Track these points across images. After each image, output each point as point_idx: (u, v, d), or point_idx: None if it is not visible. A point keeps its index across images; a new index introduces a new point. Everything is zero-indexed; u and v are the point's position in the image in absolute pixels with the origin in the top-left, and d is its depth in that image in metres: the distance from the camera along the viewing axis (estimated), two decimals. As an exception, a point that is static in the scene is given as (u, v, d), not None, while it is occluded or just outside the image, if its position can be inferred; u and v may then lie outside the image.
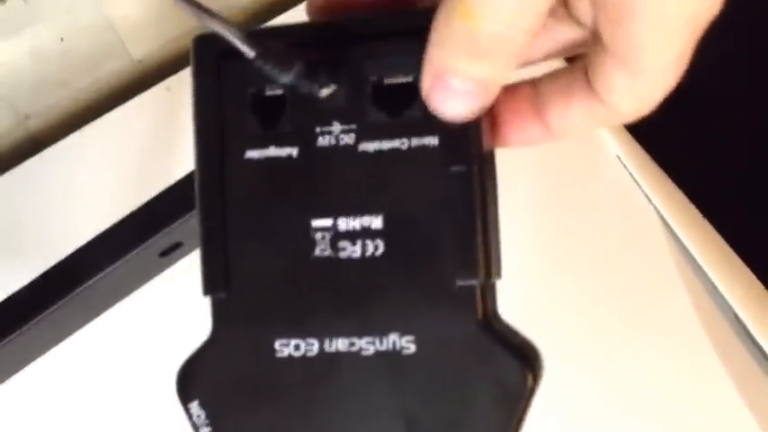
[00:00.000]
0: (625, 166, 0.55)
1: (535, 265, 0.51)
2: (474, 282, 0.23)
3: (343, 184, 0.24)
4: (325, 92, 0.24)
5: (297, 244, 0.24)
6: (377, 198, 0.24)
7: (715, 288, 0.51)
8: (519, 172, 0.25)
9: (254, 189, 0.25)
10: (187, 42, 0.26)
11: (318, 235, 0.24)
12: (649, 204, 0.54)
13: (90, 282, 0.41)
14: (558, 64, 0.25)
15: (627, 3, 0.20)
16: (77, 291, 0.40)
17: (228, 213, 0.25)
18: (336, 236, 0.24)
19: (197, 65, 0.25)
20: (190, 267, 0.25)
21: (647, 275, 0.53)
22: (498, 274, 0.24)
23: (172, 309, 0.48)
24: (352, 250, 0.24)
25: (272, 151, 0.25)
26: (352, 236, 0.24)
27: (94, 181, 0.52)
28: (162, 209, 0.41)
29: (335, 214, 0.24)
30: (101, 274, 0.41)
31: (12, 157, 0.55)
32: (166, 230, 0.41)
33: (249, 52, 0.22)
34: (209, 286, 0.25)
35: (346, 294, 0.24)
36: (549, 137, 0.25)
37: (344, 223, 0.24)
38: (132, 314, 0.48)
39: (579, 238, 0.53)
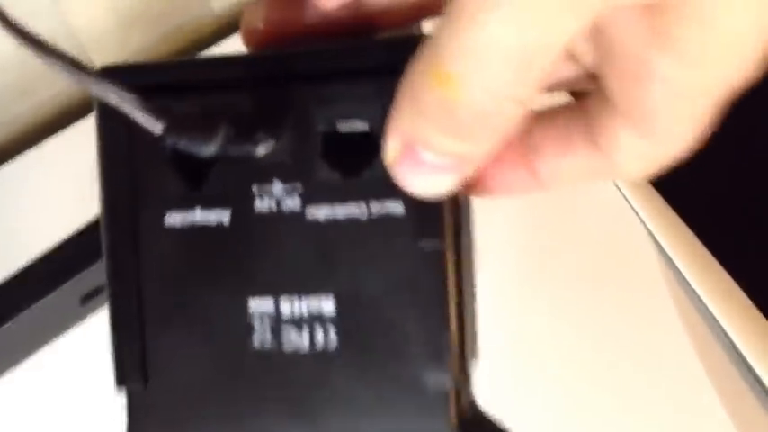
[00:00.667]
0: (615, 184, 0.53)
1: (520, 284, 0.49)
2: (447, 381, 0.19)
3: (287, 257, 0.20)
4: (262, 149, 0.20)
5: (230, 331, 0.20)
6: (328, 276, 0.20)
7: (708, 310, 0.49)
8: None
9: (176, 262, 0.21)
10: (156, 52, 0.22)
11: (256, 320, 0.20)
12: (639, 222, 0.52)
13: None
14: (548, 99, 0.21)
15: (643, 62, 0.17)
16: None
17: (145, 289, 0.21)
18: (279, 321, 0.20)
19: (101, 107, 0.21)
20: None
21: (637, 296, 0.51)
22: (474, 356, 0.21)
23: (91, 364, 0.43)
24: (298, 340, 0.20)
25: (199, 216, 0.21)
26: (297, 322, 0.20)
27: (48, 201, 0.49)
28: (83, 247, 0.36)
29: (277, 295, 0.20)
30: (8, 323, 0.35)
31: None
32: (88, 271, 0.36)
33: (155, 127, 0.18)
34: (122, 375, 0.21)
35: (291, 397, 0.20)
36: (536, 186, 0.21)
37: (288, 306, 0.20)
38: (46, 369, 0.42)
39: (566, 254, 0.51)
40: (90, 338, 0.42)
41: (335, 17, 0.21)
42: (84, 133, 0.51)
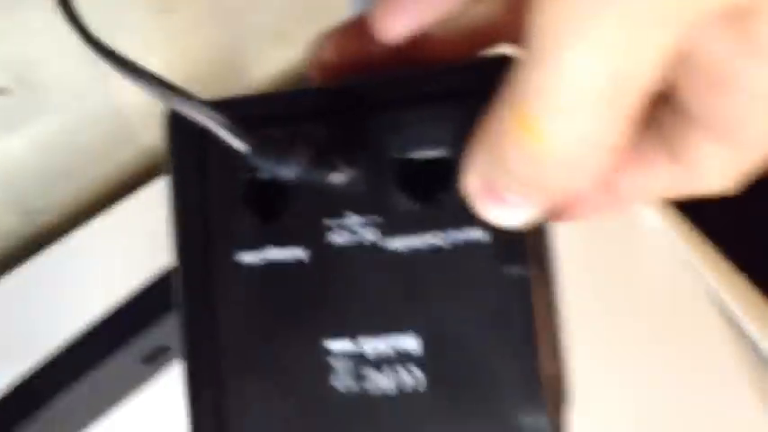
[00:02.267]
0: (668, 237, 0.52)
1: (581, 345, 0.47)
2: (542, 419, 0.18)
3: (367, 294, 0.19)
4: (338, 178, 0.20)
5: (312, 377, 0.19)
6: (412, 312, 0.19)
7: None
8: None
9: (253, 305, 0.20)
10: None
11: (339, 363, 0.19)
12: (698, 280, 0.51)
13: (56, 400, 0.34)
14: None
15: (727, 71, 0.16)
16: (41, 413, 0.34)
17: (221, 339, 0.20)
18: (361, 362, 0.19)
19: (174, 145, 0.21)
20: (180, 375, 0.21)
21: (699, 358, 0.49)
22: (570, 400, 0.20)
23: (159, 427, 0.41)
24: (384, 382, 0.19)
25: (274, 253, 0.20)
26: (381, 362, 0.19)
27: (99, 278, 0.49)
28: (145, 306, 0.36)
29: (360, 336, 0.19)
30: (68, 390, 0.34)
31: (19, 256, 0.52)
32: (150, 331, 0.35)
33: (242, 146, 0.18)
34: None
35: None
36: (615, 204, 0.20)
37: (371, 346, 0.19)
38: None
39: (626, 315, 0.50)
40: (155, 400, 0.41)
41: (401, 49, 0.21)
42: (130, 208, 0.52)
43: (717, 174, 0.18)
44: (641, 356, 0.48)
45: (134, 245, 0.49)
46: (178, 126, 0.21)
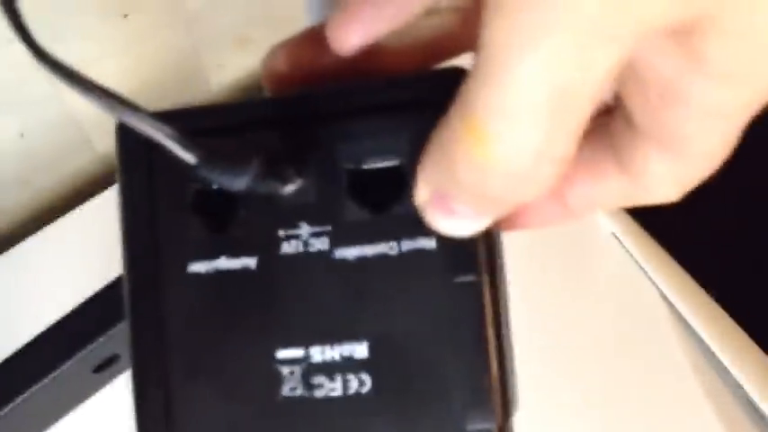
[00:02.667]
0: (621, 244, 0.52)
1: (529, 351, 0.48)
2: (491, 426, 0.18)
3: (316, 302, 0.19)
4: (289, 188, 0.20)
5: (259, 382, 0.19)
6: (359, 319, 0.19)
7: (725, 369, 0.48)
8: (505, 252, 0.21)
9: (201, 313, 0.20)
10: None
11: (286, 369, 0.19)
12: (650, 283, 0.51)
13: (4, 410, 0.34)
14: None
15: (674, 85, 0.17)
16: None
17: (168, 345, 0.20)
18: (310, 369, 0.19)
19: (123, 155, 0.21)
20: (129, 384, 0.21)
21: (652, 360, 0.49)
22: (516, 407, 0.20)
23: None
24: (331, 387, 0.19)
25: (224, 263, 0.20)
26: (329, 369, 0.19)
27: (54, 284, 0.48)
28: (96, 315, 0.35)
29: (307, 342, 0.19)
30: (17, 399, 0.34)
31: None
32: (100, 341, 0.34)
33: (189, 158, 0.18)
34: None
35: None
36: (567, 215, 0.21)
37: (319, 353, 0.19)
38: None
39: (576, 322, 0.50)
40: (105, 409, 0.41)
41: (355, 60, 0.21)
42: (84, 216, 0.51)
43: (663, 185, 0.19)
44: (593, 361, 0.49)
45: (87, 253, 0.48)
46: (126, 137, 0.21)
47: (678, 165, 0.18)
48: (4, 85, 0.46)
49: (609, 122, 0.20)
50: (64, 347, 0.34)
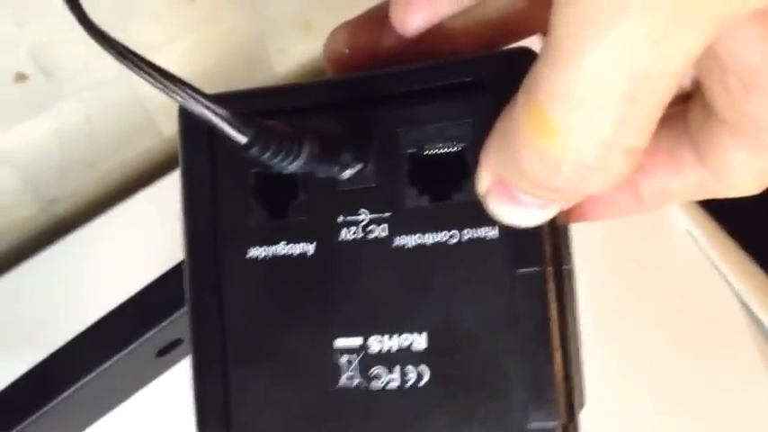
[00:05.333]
0: (696, 241, 0.50)
1: (599, 348, 0.46)
2: (553, 425, 0.18)
3: (374, 290, 0.19)
4: (348, 173, 0.19)
5: (315, 370, 0.19)
6: (418, 309, 0.19)
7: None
8: (576, 249, 0.20)
9: (260, 298, 0.20)
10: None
11: (343, 358, 0.19)
12: (725, 283, 0.49)
13: (69, 391, 0.34)
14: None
15: (758, 73, 0.15)
16: (54, 402, 0.34)
17: (227, 330, 0.20)
18: (367, 360, 0.19)
19: (185, 140, 0.21)
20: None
21: (725, 362, 0.48)
22: (582, 405, 0.19)
23: (171, 419, 0.42)
24: (389, 379, 0.19)
25: (282, 248, 0.20)
26: (387, 360, 0.19)
27: (118, 267, 0.49)
28: (159, 299, 0.35)
29: (365, 331, 0.19)
30: (82, 381, 0.34)
31: (38, 243, 0.52)
32: (164, 325, 0.34)
33: (240, 138, 0.17)
34: (204, 423, 0.20)
35: None
36: (639, 207, 0.20)
37: (377, 343, 0.19)
38: (125, 425, 0.41)
39: (649, 321, 0.48)
40: (168, 392, 0.41)
41: (418, 41, 0.20)
42: (149, 199, 0.51)
43: (742, 177, 0.18)
44: (663, 362, 0.47)
45: (152, 235, 0.48)
46: (189, 120, 0.21)
47: (759, 157, 0.17)
48: (70, 68, 0.46)
49: (686, 109, 0.18)
50: (129, 331, 0.35)
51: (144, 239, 0.50)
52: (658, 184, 0.19)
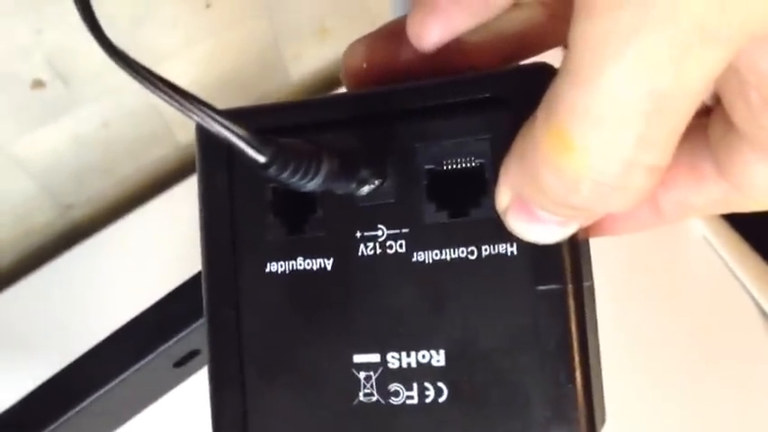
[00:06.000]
0: (713, 247, 0.50)
1: (617, 357, 0.46)
2: None
3: (393, 306, 0.19)
4: (366, 189, 0.19)
5: (333, 385, 0.19)
6: (437, 326, 0.19)
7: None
8: (593, 255, 0.20)
9: (278, 313, 0.20)
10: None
11: (362, 374, 0.19)
12: (743, 289, 0.49)
13: (86, 402, 0.34)
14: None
15: None
16: (71, 413, 0.34)
17: (245, 344, 0.20)
18: (385, 376, 0.19)
19: (203, 154, 0.21)
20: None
21: (743, 368, 0.47)
22: (603, 422, 0.19)
23: (188, 429, 0.42)
24: (407, 395, 0.19)
25: (300, 263, 0.20)
26: (405, 376, 0.19)
27: (133, 273, 0.49)
28: (176, 310, 0.34)
29: (383, 347, 0.19)
30: (99, 392, 0.34)
31: (55, 249, 0.52)
32: (181, 336, 0.34)
33: (259, 158, 0.17)
34: None
35: None
36: (659, 221, 0.19)
37: (396, 359, 0.19)
38: None
39: (667, 326, 0.48)
40: (184, 403, 0.41)
41: (435, 56, 0.20)
42: (165, 205, 0.52)
43: (766, 190, 0.17)
44: (682, 369, 0.47)
45: (168, 240, 0.49)
46: (206, 136, 0.21)
47: None
48: (87, 75, 0.46)
49: (706, 123, 0.18)
50: (146, 341, 0.35)
51: (160, 244, 0.50)
52: (678, 197, 0.19)
